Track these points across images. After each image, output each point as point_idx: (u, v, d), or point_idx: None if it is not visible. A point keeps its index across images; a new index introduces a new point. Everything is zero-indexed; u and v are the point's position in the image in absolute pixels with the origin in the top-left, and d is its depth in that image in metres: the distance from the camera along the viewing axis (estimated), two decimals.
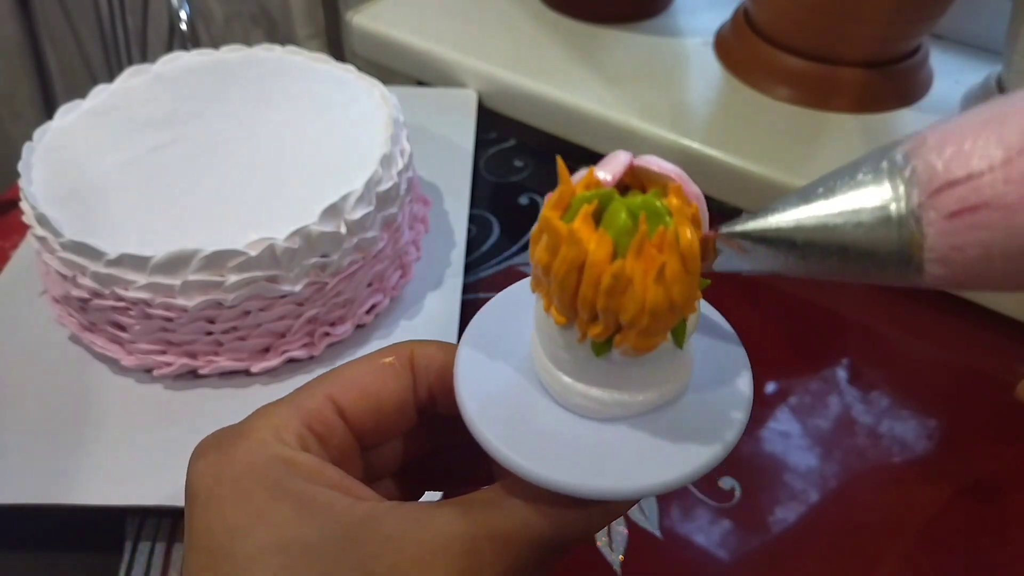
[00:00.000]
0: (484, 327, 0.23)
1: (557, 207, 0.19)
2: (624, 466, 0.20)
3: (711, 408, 0.22)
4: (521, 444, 0.20)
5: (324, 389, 0.23)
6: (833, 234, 0.19)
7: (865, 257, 0.18)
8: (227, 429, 0.22)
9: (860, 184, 0.19)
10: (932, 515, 0.41)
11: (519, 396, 0.22)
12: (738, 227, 0.20)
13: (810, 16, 0.56)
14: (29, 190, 0.41)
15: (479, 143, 0.61)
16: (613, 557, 0.38)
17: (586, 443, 0.20)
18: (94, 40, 1.04)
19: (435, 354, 0.24)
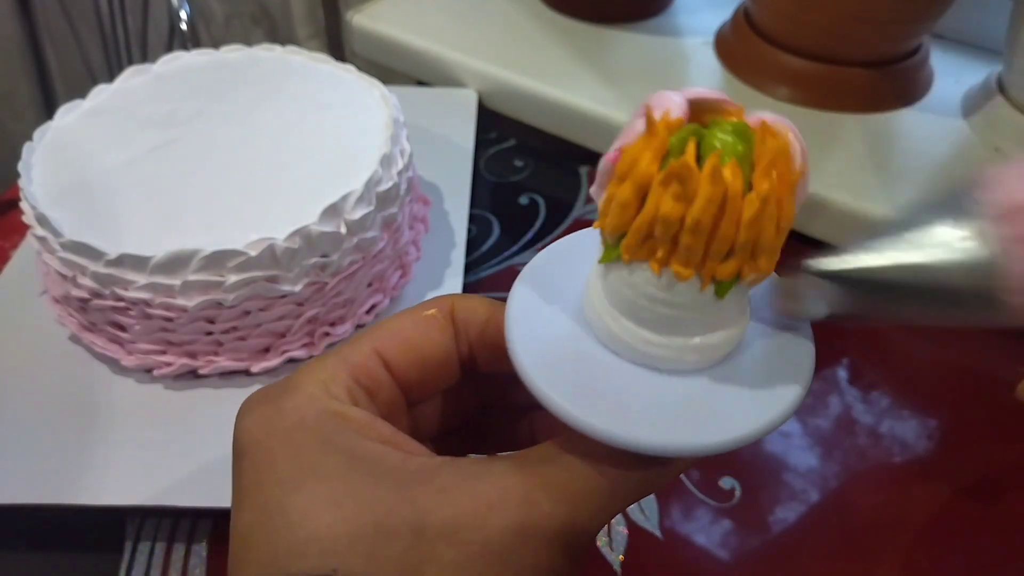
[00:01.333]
0: (538, 273, 0.22)
1: (656, 156, 0.18)
2: (691, 421, 0.19)
3: (774, 359, 0.21)
4: (583, 399, 0.19)
5: (369, 342, 0.22)
6: (918, 279, 0.18)
7: (954, 297, 0.18)
8: (273, 386, 0.22)
9: (941, 225, 0.18)
10: (932, 515, 0.41)
11: (576, 347, 0.20)
12: (824, 267, 0.20)
13: (810, 16, 0.56)
14: (29, 190, 0.41)
15: (479, 143, 0.61)
16: (613, 557, 0.38)
17: (651, 397, 0.19)
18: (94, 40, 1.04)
19: (476, 308, 0.23)
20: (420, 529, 0.18)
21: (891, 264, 0.19)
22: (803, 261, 0.20)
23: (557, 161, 0.61)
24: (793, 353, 0.21)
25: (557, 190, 0.58)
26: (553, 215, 0.56)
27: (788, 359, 0.21)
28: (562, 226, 0.55)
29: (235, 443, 0.21)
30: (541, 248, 0.24)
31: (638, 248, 0.18)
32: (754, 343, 0.21)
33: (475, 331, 0.23)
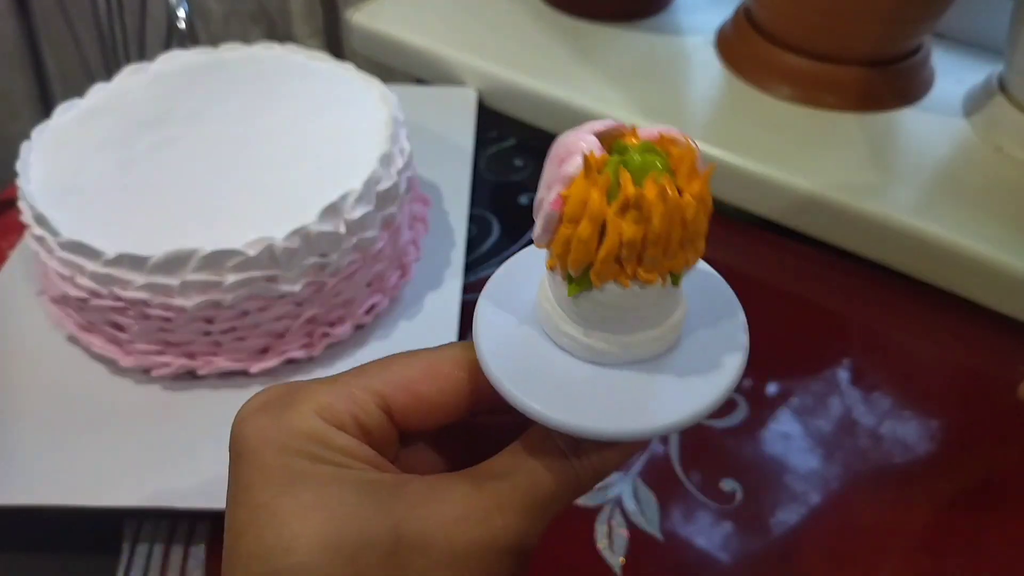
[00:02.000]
0: (499, 290, 0.24)
1: (603, 192, 0.20)
2: (635, 408, 0.22)
3: (711, 348, 0.23)
4: (537, 391, 0.21)
5: (376, 385, 0.23)
6: None
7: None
8: (275, 396, 0.23)
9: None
10: (933, 516, 0.41)
11: (533, 348, 0.23)
12: None
13: (812, 15, 0.56)
14: (27, 189, 0.40)
15: (479, 142, 0.60)
16: (614, 559, 0.38)
17: (597, 388, 0.22)
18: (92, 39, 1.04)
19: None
20: (396, 539, 0.20)
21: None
22: None
23: None
24: (729, 329, 0.23)
25: None
26: None
27: (725, 336, 0.23)
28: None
29: (233, 444, 0.22)
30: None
31: (608, 272, 0.21)
32: (693, 325, 0.24)
33: (487, 383, 0.24)
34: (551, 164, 0.21)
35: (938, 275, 0.50)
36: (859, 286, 0.52)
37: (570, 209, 0.20)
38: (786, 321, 0.50)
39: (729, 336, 0.23)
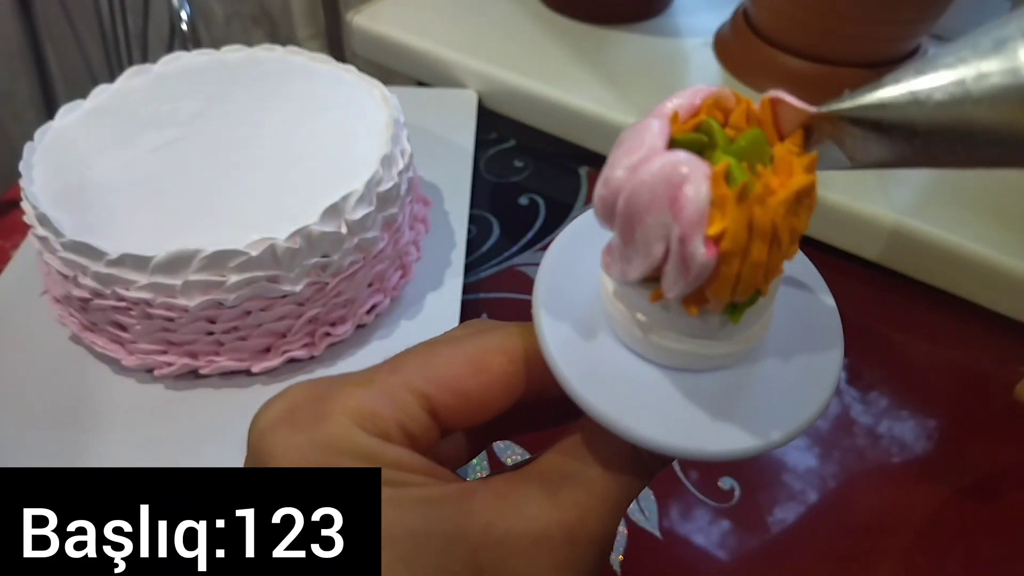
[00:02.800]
0: (553, 290, 0.21)
1: (746, 201, 0.16)
2: (717, 425, 0.19)
3: (802, 352, 0.20)
4: (623, 405, 0.19)
5: (420, 384, 0.21)
6: (956, 108, 0.16)
7: (993, 138, 0.16)
8: (302, 402, 0.20)
9: (990, 47, 0.16)
10: (931, 515, 0.41)
11: (606, 354, 0.20)
12: (842, 105, 0.17)
13: (810, 17, 0.56)
14: (30, 190, 0.41)
15: (479, 143, 0.61)
16: (613, 557, 0.38)
17: (679, 396, 0.20)
18: (95, 40, 1.04)
19: (531, 349, 0.21)
20: (477, 570, 0.19)
21: (925, 99, 0.16)
22: (825, 104, 0.18)
23: (557, 161, 0.61)
24: (821, 342, 0.21)
25: (557, 190, 0.58)
26: (553, 215, 0.56)
27: (815, 352, 0.20)
28: (562, 226, 0.55)
29: (258, 456, 0.20)
30: (541, 249, 0.23)
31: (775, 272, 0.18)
32: (780, 331, 0.21)
33: (536, 372, 0.21)
34: (650, 208, 0.17)
35: (936, 275, 0.50)
36: (857, 286, 0.52)
37: (730, 246, 0.16)
38: None
39: (820, 336, 0.21)
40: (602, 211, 0.18)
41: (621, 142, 0.18)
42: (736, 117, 0.18)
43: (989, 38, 0.16)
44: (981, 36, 0.16)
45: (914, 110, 0.16)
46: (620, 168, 0.17)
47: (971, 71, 0.15)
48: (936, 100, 0.16)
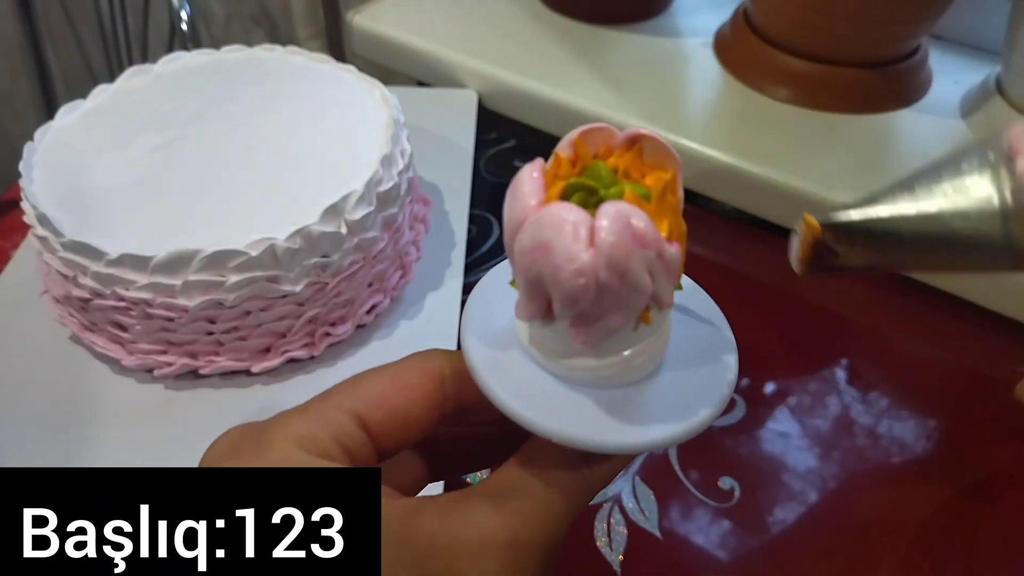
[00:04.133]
0: (478, 319, 0.24)
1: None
2: (635, 423, 0.21)
3: (701, 362, 0.23)
4: (544, 410, 0.21)
5: (350, 404, 0.22)
6: (939, 225, 0.19)
7: (971, 247, 0.18)
8: (244, 439, 0.21)
9: (965, 174, 0.19)
10: (931, 515, 0.41)
11: (526, 369, 0.23)
12: (842, 219, 0.20)
13: (809, 16, 0.56)
14: (30, 190, 0.41)
15: (479, 143, 0.61)
16: (613, 557, 0.38)
17: (597, 404, 0.22)
18: (95, 40, 1.04)
19: (456, 369, 0.23)
20: (423, 571, 0.20)
21: (911, 213, 0.19)
22: (827, 215, 0.20)
23: None
24: (718, 348, 0.23)
25: None
26: None
27: (715, 355, 0.23)
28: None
29: None
30: None
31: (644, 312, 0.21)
32: (682, 341, 0.23)
33: (453, 389, 0.24)
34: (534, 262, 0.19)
35: (937, 275, 0.50)
36: (858, 286, 0.52)
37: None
38: (784, 321, 0.50)
39: (718, 345, 0.23)
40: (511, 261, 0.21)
41: (507, 200, 0.20)
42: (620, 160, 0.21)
43: (960, 165, 0.19)
44: (954, 161, 0.19)
45: (900, 222, 0.19)
46: (507, 234, 0.20)
47: (947, 194, 0.19)
48: (920, 214, 0.19)
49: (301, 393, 0.24)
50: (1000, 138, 0.19)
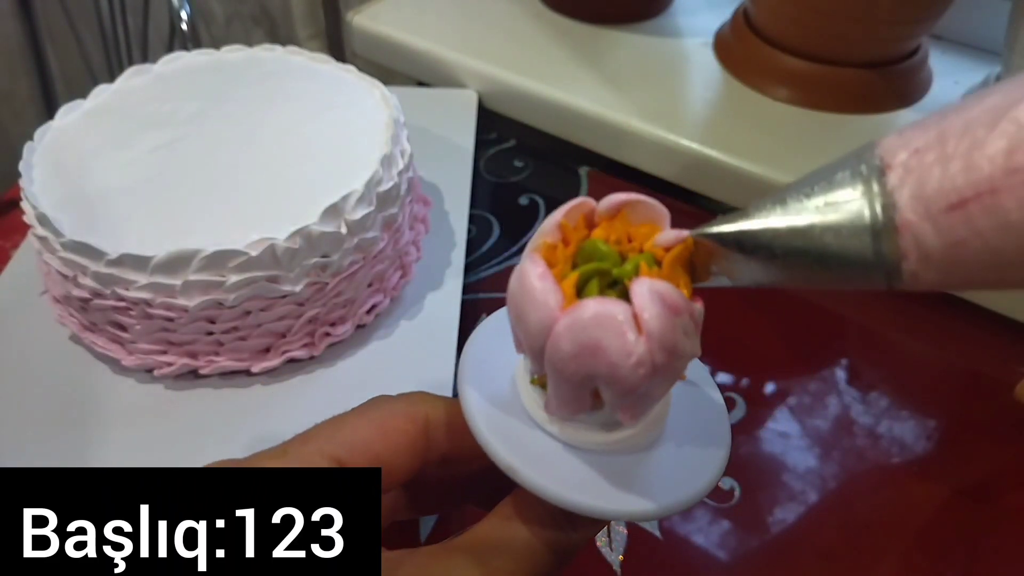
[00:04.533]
0: (476, 369, 0.23)
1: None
2: (625, 490, 0.21)
3: (697, 431, 0.23)
4: (539, 469, 0.21)
5: (331, 449, 0.21)
6: (809, 240, 0.18)
7: (843, 264, 0.18)
8: None
9: (837, 186, 0.18)
10: (931, 515, 0.41)
11: (524, 430, 0.22)
12: (712, 229, 0.20)
13: (809, 17, 0.56)
14: (30, 190, 0.41)
15: (479, 143, 0.61)
16: (613, 557, 0.38)
17: (586, 471, 0.21)
18: (95, 40, 1.04)
19: (450, 419, 0.23)
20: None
21: (782, 227, 0.18)
22: (699, 228, 0.20)
23: (557, 161, 0.61)
24: (713, 421, 0.23)
25: (557, 190, 0.58)
26: None
27: (709, 427, 0.23)
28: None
29: None
30: None
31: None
32: (679, 415, 0.23)
33: (455, 439, 0.23)
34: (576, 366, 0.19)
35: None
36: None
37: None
38: (784, 321, 0.50)
39: (709, 410, 0.23)
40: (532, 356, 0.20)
41: (519, 305, 0.19)
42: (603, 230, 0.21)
43: (833, 177, 0.18)
44: (827, 173, 0.18)
45: (771, 236, 0.19)
46: (530, 339, 0.19)
47: (818, 208, 0.18)
48: (790, 228, 0.18)
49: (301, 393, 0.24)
50: (873, 149, 0.18)
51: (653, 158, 0.57)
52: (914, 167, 0.17)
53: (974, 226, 0.16)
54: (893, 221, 0.17)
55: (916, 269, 0.17)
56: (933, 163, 0.16)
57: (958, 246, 0.16)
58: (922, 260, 0.17)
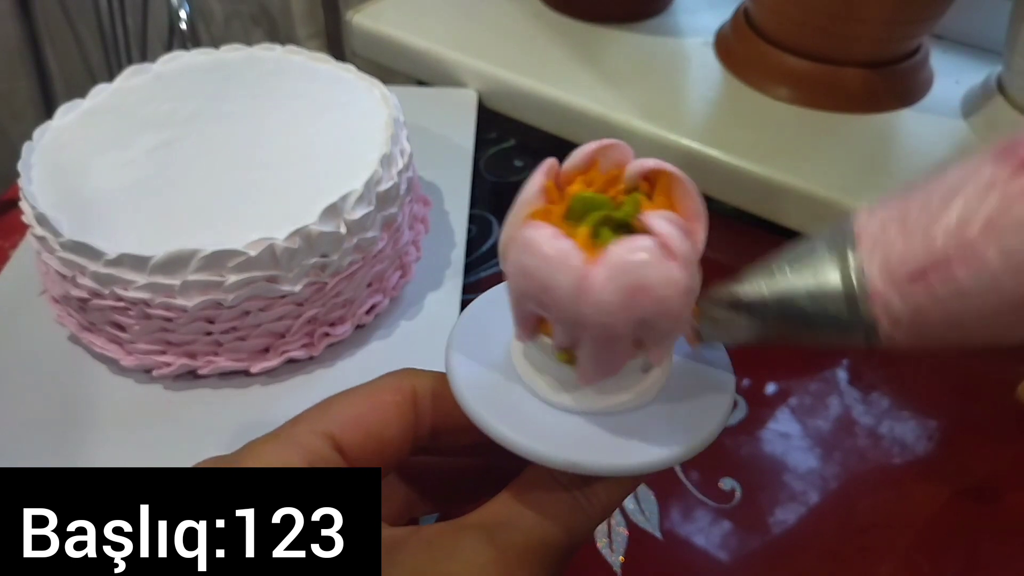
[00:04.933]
0: (466, 338, 0.23)
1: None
2: (625, 447, 0.21)
3: (699, 382, 0.23)
4: (533, 433, 0.21)
5: (322, 426, 0.22)
6: (792, 306, 0.20)
7: (823, 326, 0.19)
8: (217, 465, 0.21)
9: (816, 257, 0.20)
10: (932, 516, 0.41)
11: (517, 395, 0.22)
12: (713, 295, 0.21)
13: (810, 16, 0.56)
14: (29, 190, 0.41)
15: (479, 143, 0.61)
16: (614, 558, 0.38)
17: (588, 433, 0.21)
18: (94, 39, 1.04)
19: (436, 390, 0.23)
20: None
21: (767, 294, 0.20)
22: (705, 293, 0.21)
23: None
24: (716, 381, 0.23)
25: None
26: None
27: (712, 385, 0.23)
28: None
29: None
30: None
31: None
32: (681, 374, 0.23)
33: (441, 412, 0.23)
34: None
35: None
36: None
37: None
38: None
39: (714, 383, 0.23)
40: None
41: (540, 276, 0.19)
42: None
43: (814, 248, 0.20)
44: (810, 245, 0.20)
45: (761, 303, 0.20)
46: (561, 303, 0.19)
47: (800, 277, 0.20)
48: (775, 295, 0.20)
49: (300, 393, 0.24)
50: (850, 221, 0.20)
51: (653, 157, 0.57)
52: (880, 240, 0.19)
53: (933, 294, 0.18)
54: (865, 289, 0.19)
55: (890, 333, 0.19)
56: (896, 236, 0.18)
57: (922, 312, 0.18)
58: (893, 325, 0.18)
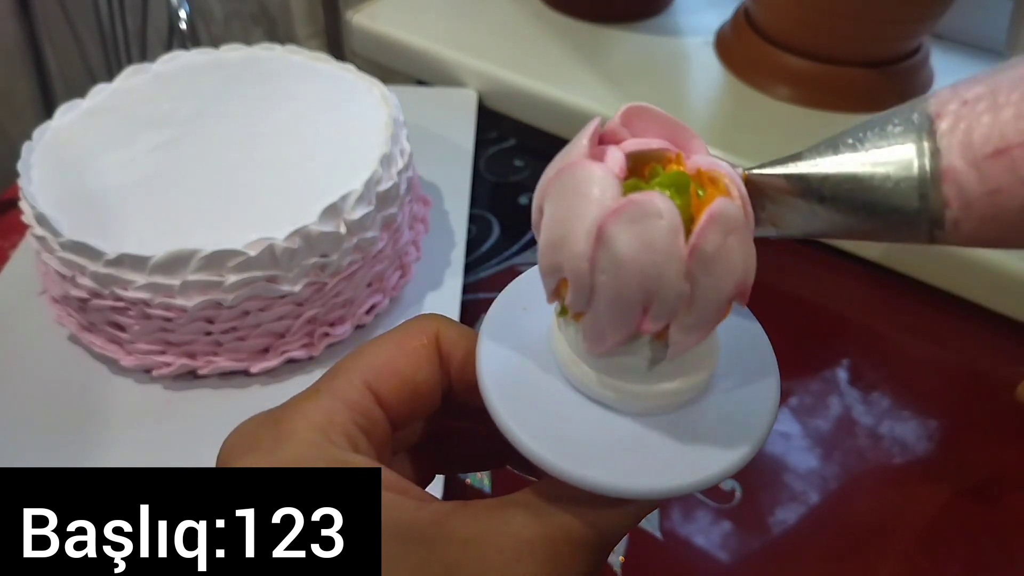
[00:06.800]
0: (500, 323, 0.23)
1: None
2: (662, 465, 0.20)
3: (738, 405, 0.21)
4: (568, 453, 0.20)
5: (360, 376, 0.21)
6: (858, 184, 0.18)
7: (888, 209, 0.18)
8: (262, 429, 0.21)
9: (889, 136, 0.18)
10: (932, 516, 0.41)
11: (550, 394, 0.21)
12: (766, 169, 0.20)
13: (811, 16, 0.56)
14: (28, 190, 0.41)
15: (479, 143, 0.61)
16: (614, 558, 0.38)
17: (625, 441, 0.20)
18: (93, 39, 1.04)
19: (458, 341, 0.23)
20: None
21: (831, 171, 0.19)
22: (752, 169, 0.20)
23: None
24: (757, 393, 0.21)
25: None
26: None
27: (749, 413, 0.21)
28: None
29: None
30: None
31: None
32: (722, 383, 0.21)
33: (457, 364, 0.23)
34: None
35: (937, 275, 0.50)
36: (858, 286, 0.52)
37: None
38: (785, 321, 0.50)
39: (760, 380, 0.21)
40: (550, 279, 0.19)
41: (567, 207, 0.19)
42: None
43: (886, 125, 0.19)
44: (880, 122, 0.19)
45: (821, 179, 0.19)
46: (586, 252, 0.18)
47: (869, 154, 0.19)
48: (840, 172, 0.19)
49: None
50: (927, 100, 0.18)
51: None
52: (964, 115, 0.17)
53: (1017, 173, 0.17)
54: (939, 168, 0.17)
55: (958, 217, 0.17)
56: (983, 111, 0.17)
57: (999, 193, 0.17)
58: (964, 208, 0.17)
